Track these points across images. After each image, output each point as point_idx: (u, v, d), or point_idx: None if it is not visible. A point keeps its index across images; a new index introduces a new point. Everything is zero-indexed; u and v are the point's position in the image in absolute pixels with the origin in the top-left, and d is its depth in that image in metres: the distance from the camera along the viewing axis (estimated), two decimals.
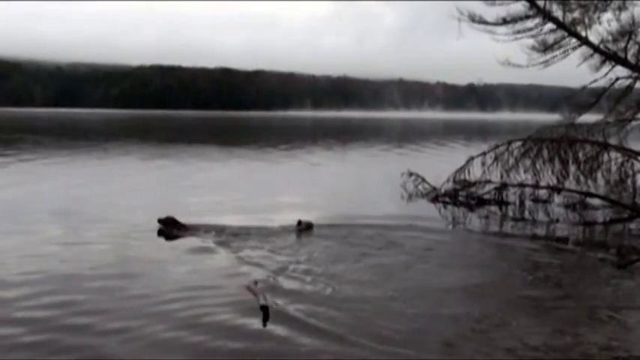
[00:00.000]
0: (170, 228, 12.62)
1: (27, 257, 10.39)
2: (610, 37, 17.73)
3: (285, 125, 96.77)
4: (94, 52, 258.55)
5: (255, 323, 7.38)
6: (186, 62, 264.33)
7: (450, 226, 14.58)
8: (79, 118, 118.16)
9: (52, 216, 14.36)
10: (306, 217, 13.32)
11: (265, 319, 7.46)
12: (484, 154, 18.05)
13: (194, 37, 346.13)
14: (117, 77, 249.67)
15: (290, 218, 13.37)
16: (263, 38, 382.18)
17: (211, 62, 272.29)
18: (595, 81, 18.13)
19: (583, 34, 17.78)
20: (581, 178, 16.95)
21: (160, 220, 12.77)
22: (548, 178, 17.17)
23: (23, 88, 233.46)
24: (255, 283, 8.59)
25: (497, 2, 18.04)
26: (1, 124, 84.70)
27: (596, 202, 16.38)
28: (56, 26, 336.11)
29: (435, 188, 18.18)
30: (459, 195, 17.62)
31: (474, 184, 17.61)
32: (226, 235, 12.28)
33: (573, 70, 18.41)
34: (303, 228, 12.76)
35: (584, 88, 18.62)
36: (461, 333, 7.24)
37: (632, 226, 14.43)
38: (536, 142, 17.49)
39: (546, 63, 18.46)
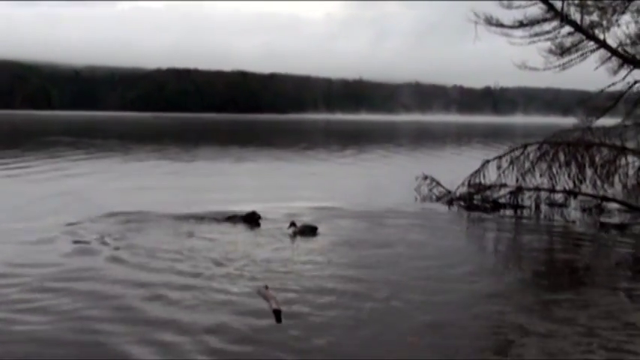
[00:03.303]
0: None
1: None
2: (628, 40, 17.56)
3: (301, 129, 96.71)
4: (110, 56, 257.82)
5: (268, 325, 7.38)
6: (203, 65, 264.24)
7: (464, 229, 14.58)
8: (98, 121, 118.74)
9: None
10: (310, 219, 13.60)
11: (278, 322, 7.46)
12: (499, 157, 17.92)
13: (210, 41, 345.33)
14: (133, 80, 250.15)
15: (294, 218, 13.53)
16: (279, 41, 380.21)
17: (227, 65, 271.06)
18: (613, 84, 17.92)
19: (601, 37, 17.60)
20: (598, 182, 16.75)
21: None
22: (564, 182, 17.04)
23: (41, 90, 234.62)
24: (266, 287, 8.53)
25: (514, 5, 17.90)
26: (29, 127, 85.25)
27: (612, 206, 16.26)
28: (73, 29, 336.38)
29: (449, 192, 18.06)
30: (474, 199, 17.52)
31: (489, 187, 17.50)
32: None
33: (591, 73, 18.22)
34: (298, 231, 12.66)
35: (601, 91, 18.39)
36: (474, 335, 7.18)
37: None
38: (553, 145, 17.33)
39: (563, 66, 18.28)
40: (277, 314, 7.58)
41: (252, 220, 13.54)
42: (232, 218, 13.71)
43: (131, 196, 17.82)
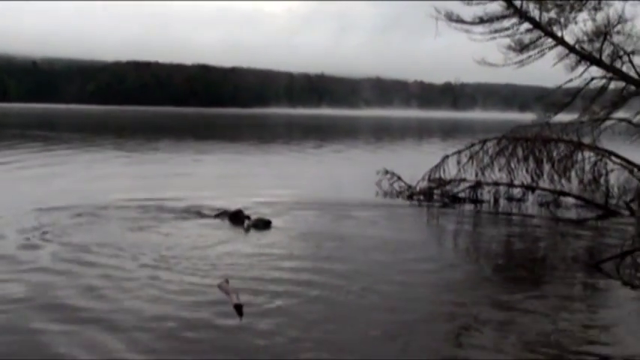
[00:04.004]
0: None
1: None
2: (585, 38, 17.86)
3: (264, 123, 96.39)
4: (69, 48, 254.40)
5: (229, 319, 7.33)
6: (163, 58, 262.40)
7: (424, 223, 14.74)
8: (58, 114, 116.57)
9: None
10: (267, 212, 13.66)
11: (240, 316, 7.42)
12: (459, 152, 18.08)
13: (171, 34, 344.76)
14: (92, 73, 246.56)
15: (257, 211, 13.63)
16: (241, 35, 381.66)
17: (188, 59, 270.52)
18: (570, 81, 18.25)
19: (559, 34, 17.87)
20: (555, 177, 17.01)
21: None
22: (522, 176, 17.25)
23: None
24: (227, 281, 8.49)
25: (474, 2, 18.07)
26: None
27: (569, 200, 16.54)
28: (31, 21, 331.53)
29: (410, 186, 18.18)
30: (434, 193, 17.68)
31: (449, 182, 17.66)
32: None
33: (549, 70, 18.51)
34: (251, 224, 12.65)
35: (559, 87, 18.72)
36: (431, 332, 7.24)
37: (604, 224, 14.55)
38: (511, 140, 17.55)
39: (522, 63, 18.54)
40: (239, 309, 7.54)
41: (237, 218, 13.27)
42: (219, 215, 13.58)
43: (92, 189, 17.53)
